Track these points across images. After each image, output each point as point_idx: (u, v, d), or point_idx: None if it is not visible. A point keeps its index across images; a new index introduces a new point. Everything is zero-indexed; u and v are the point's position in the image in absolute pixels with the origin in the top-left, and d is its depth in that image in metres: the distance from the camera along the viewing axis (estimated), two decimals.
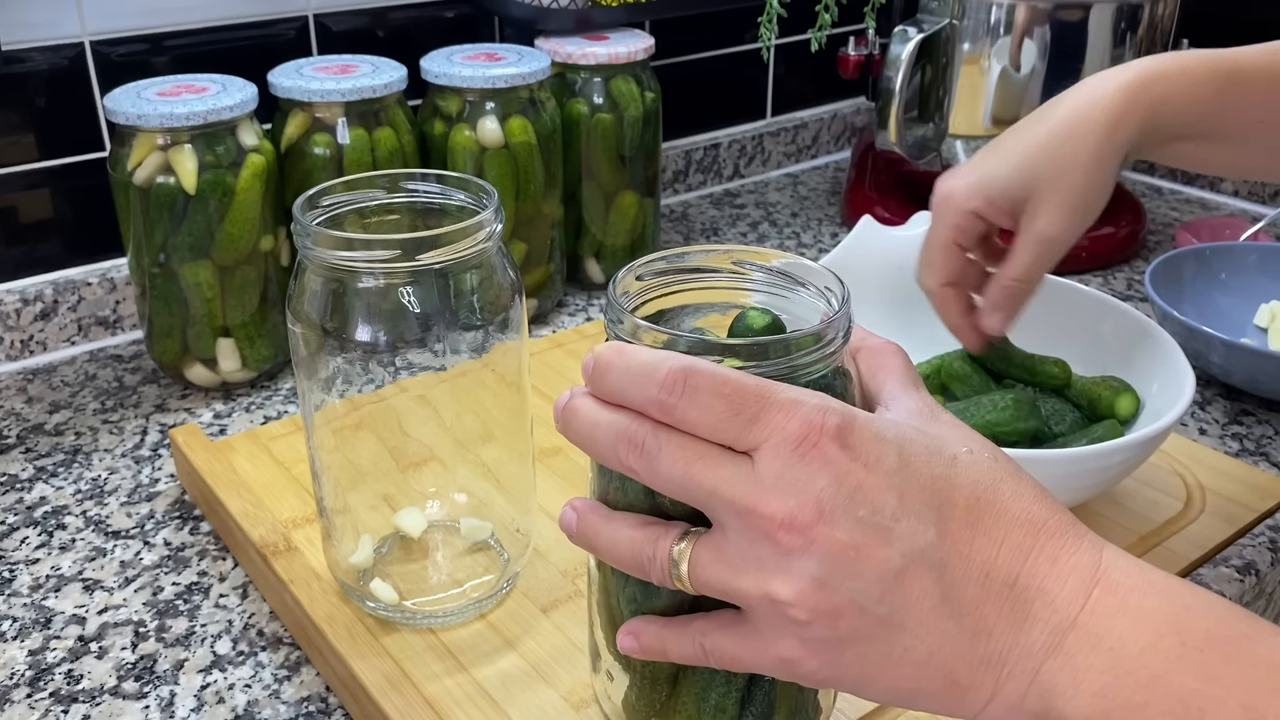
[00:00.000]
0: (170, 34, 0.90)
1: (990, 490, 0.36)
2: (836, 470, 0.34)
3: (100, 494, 0.72)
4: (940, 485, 0.35)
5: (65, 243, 0.90)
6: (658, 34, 1.04)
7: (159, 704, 0.55)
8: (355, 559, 0.57)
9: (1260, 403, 0.81)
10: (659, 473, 0.36)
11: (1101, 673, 0.34)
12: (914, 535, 0.34)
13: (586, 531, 0.40)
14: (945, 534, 0.35)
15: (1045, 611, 0.34)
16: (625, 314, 0.39)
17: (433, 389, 0.56)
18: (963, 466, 0.36)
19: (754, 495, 0.34)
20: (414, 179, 0.56)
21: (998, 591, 0.35)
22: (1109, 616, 0.34)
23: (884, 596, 0.34)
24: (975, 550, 0.35)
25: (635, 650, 0.41)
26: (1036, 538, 0.35)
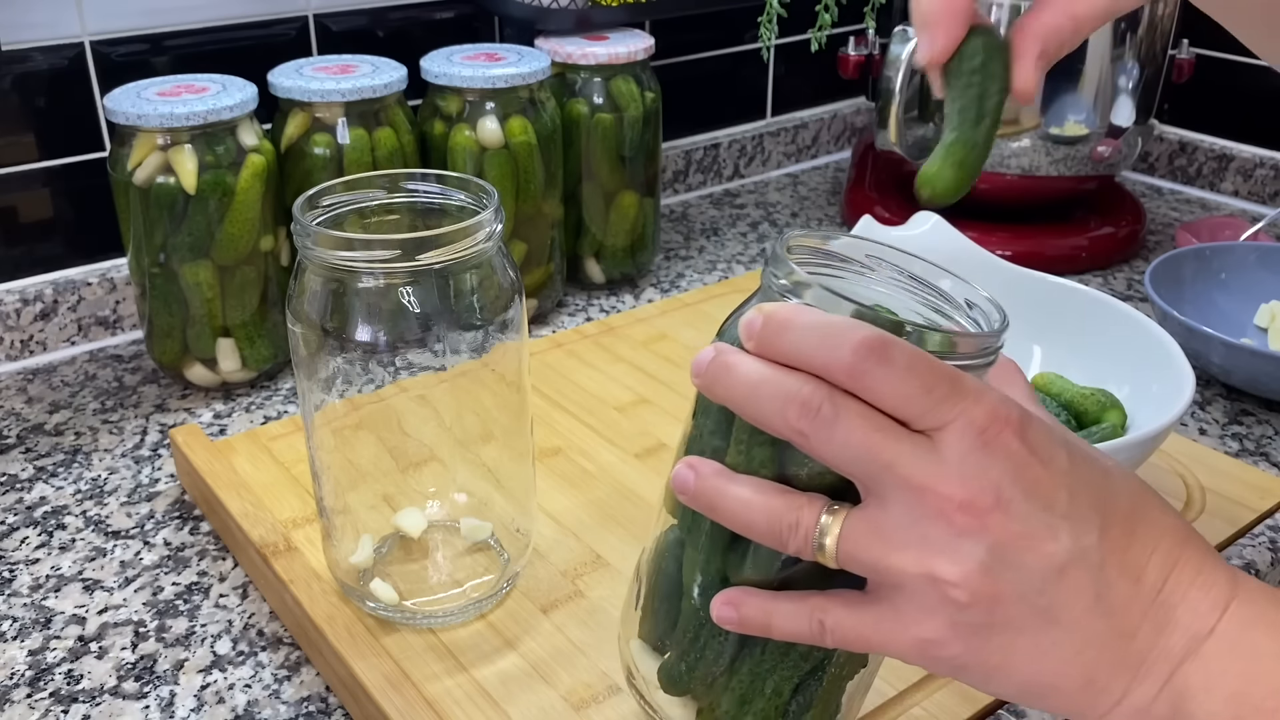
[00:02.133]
0: (170, 34, 0.90)
1: (1144, 502, 0.37)
2: (1017, 462, 0.35)
3: (100, 494, 0.72)
4: (1103, 491, 0.36)
5: (65, 243, 0.90)
6: (658, 34, 1.04)
7: (159, 704, 0.55)
8: (355, 559, 0.57)
9: (1260, 403, 0.81)
10: (834, 439, 0.35)
11: (1236, 677, 0.35)
12: (1079, 534, 0.35)
13: (709, 491, 0.38)
14: (1106, 536, 0.36)
15: (1188, 618, 0.36)
16: (809, 280, 0.38)
17: (433, 389, 0.56)
18: (1117, 477, 0.37)
19: (935, 474, 0.35)
20: (414, 179, 0.56)
21: (1146, 596, 0.36)
22: (1246, 627, 0.35)
23: (1045, 588, 0.35)
24: (1131, 555, 0.36)
25: (733, 621, 0.39)
26: (1184, 550, 0.37)
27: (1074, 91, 0.97)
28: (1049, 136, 0.98)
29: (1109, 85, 0.98)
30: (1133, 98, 0.99)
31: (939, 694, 0.52)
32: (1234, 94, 1.24)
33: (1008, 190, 1.02)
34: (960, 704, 0.52)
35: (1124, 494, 0.37)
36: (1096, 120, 0.99)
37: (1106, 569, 0.35)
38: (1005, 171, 1.00)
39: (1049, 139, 0.98)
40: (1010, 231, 1.03)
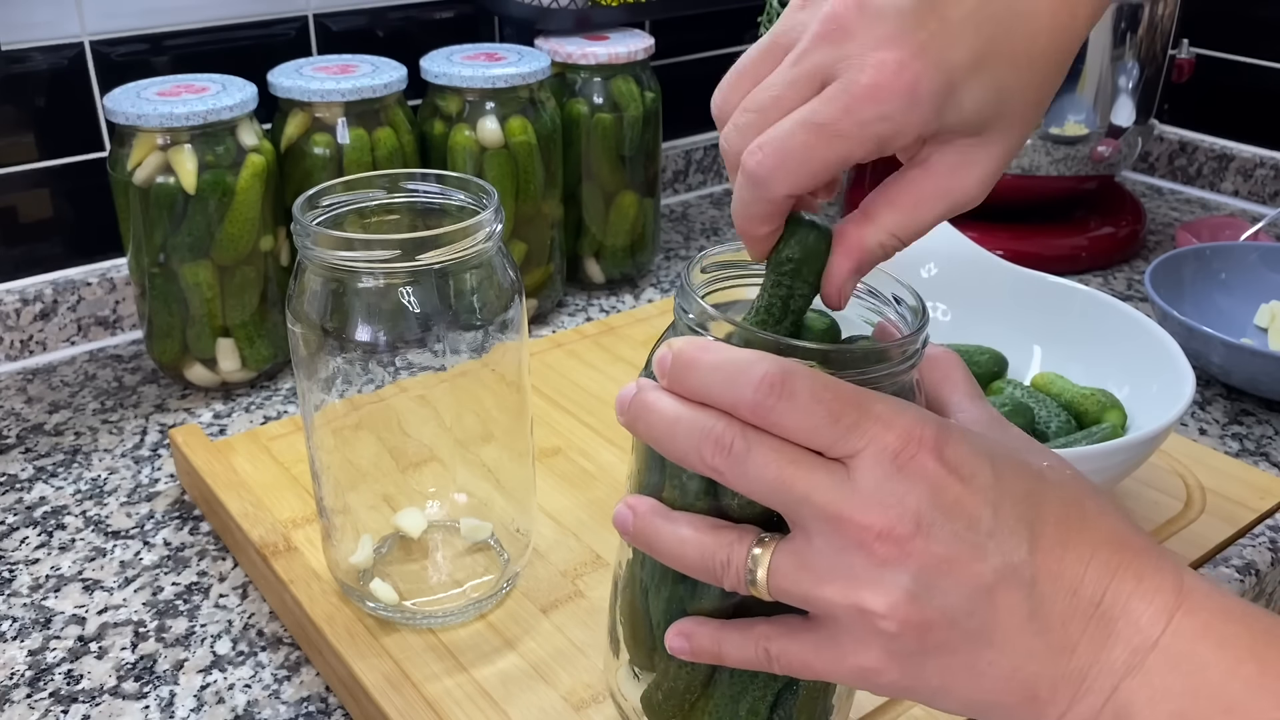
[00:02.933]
0: (170, 34, 0.90)
1: (1077, 506, 0.36)
2: (934, 484, 0.34)
3: (100, 494, 0.72)
4: (1032, 500, 0.35)
5: (65, 243, 0.90)
6: (658, 34, 1.04)
7: (159, 704, 0.55)
8: (355, 559, 0.57)
9: (1260, 403, 0.81)
10: (748, 475, 0.35)
11: (1180, 695, 0.34)
12: (1007, 551, 0.34)
13: (646, 530, 0.38)
14: (1036, 549, 0.35)
15: (1129, 630, 0.34)
16: (716, 315, 0.38)
17: (433, 389, 0.56)
18: (1050, 482, 0.36)
19: (850, 504, 0.34)
20: (414, 179, 0.56)
21: (1084, 609, 0.35)
22: (1191, 640, 0.34)
23: (975, 610, 0.34)
24: (1064, 567, 0.35)
25: (686, 651, 0.40)
26: (1122, 555, 0.35)
27: (1074, 91, 0.97)
28: (1049, 136, 0.98)
29: (1109, 85, 0.98)
30: (1132, 98, 0.99)
31: None
32: (1234, 94, 1.24)
33: (1008, 190, 1.02)
34: None
35: (1056, 501, 0.36)
36: (1096, 120, 0.98)
37: (1039, 584, 0.34)
38: (1005, 171, 1.00)
39: (1049, 139, 0.98)
40: (1010, 231, 1.03)
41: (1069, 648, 0.35)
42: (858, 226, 0.40)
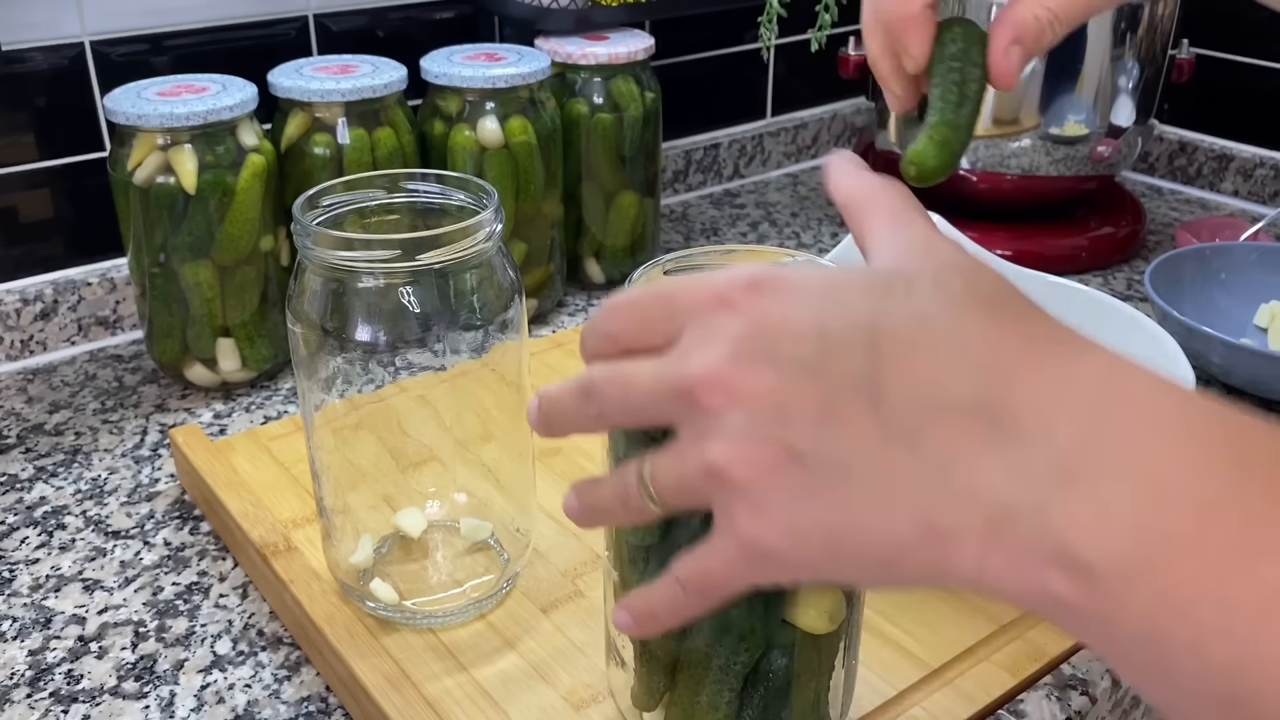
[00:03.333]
0: (170, 34, 0.90)
1: (951, 307, 0.31)
2: (750, 314, 0.32)
3: (100, 494, 0.72)
4: (876, 310, 0.31)
5: (65, 243, 0.90)
6: (658, 34, 1.04)
7: (159, 704, 0.55)
8: (355, 559, 0.57)
9: (1260, 403, 0.81)
10: (610, 399, 0.35)
11: (1137, 502, 0.27)
12: (840, 363, 0.30)
13: (586, 506, 0.39)
14: (878, 356, 0.30)
15: (1037, 426, 0.28)
16: None
17: (433, 389, 0.56)
18: (919, 292, 0.31)
19: (675, 367, 0.33)
20: (414, 179, 0.56)
21: (961, 408, 0.29)
22: (1137, 432, 0.28)
23: (818, 438, 0.30)
24: (919, 366, 0.30)
25: (630, 625, 0.38)
26: (1011, 342, 0.30)
27: (1074, 91, 0.97)
28: (1049, 136, 0.98)
29: (1109, 85, 0.98)
30: (1132, 98, 0.99)
31: (939, 694, 0.52)
32: (1234, 94, 1.24)
33: (1008, 190, 1.02)
34: (960, 704, 0.52)
35: (913, 308, 0.31)
36: (1096, 120, 0.98)
37: (889, 392, 0.30)
38: (1005, 171, 1.00)
39: (1049, 139, 0.98)
40: (1010, 231, 1.03)
41: (951, 458, 0.29)
42: (1011, 6, 0.44)
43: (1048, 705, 0.53)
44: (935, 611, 0.57)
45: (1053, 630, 0.56)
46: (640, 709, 0.47)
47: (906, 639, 0.55)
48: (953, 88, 0.43)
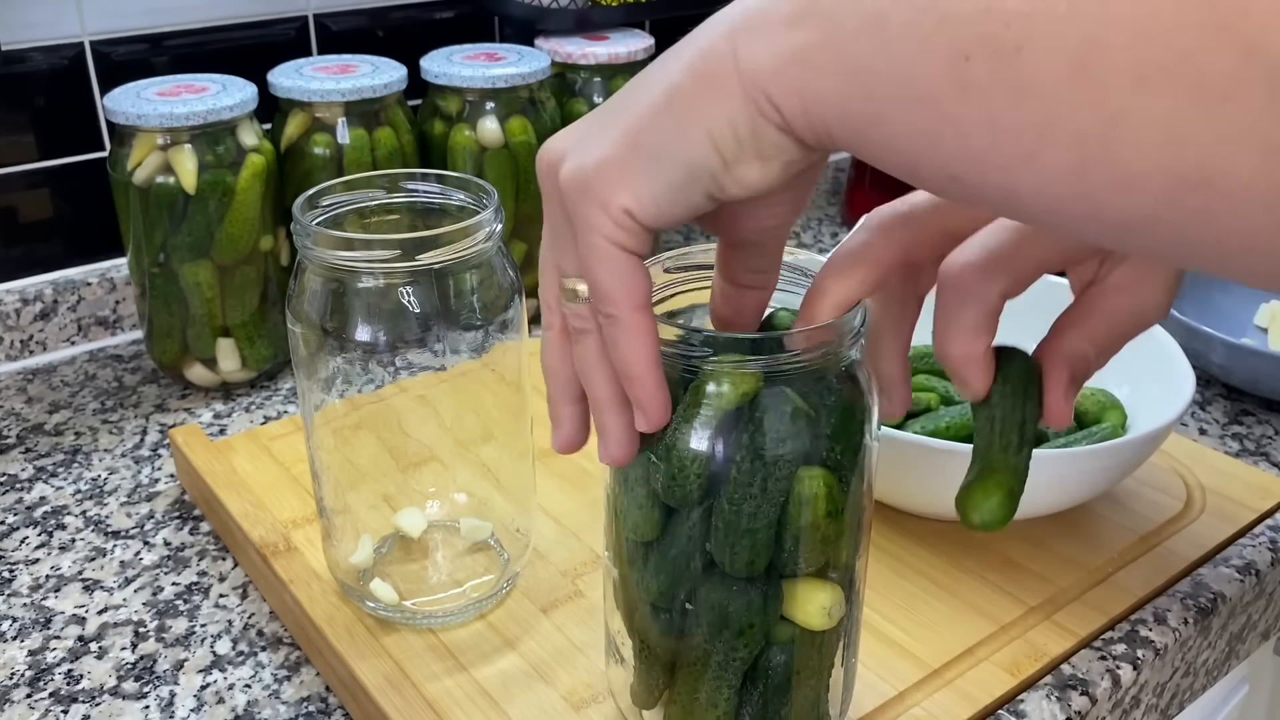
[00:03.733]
0: (170, 34, 0.90)
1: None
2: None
3: (100, 494, 0.72)
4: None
5: (65, 243, 0.90)
6: (658, 34, 1.04)
7: (159, 704, 0.55)
8: (355, 559, 0.57)
9: (1260, 403, 0.81)
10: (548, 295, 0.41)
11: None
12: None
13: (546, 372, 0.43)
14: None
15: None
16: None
17: (433, 389, 0.56)
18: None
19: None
20: (414, 179, 0.56)
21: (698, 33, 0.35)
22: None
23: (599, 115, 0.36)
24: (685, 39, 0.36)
25: (564, 437, 0.43)
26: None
27: None
28: None
29: None
30: None
31: (939, 694, 0.52)
32: None
33: None
34: (960, 704, 0.52)
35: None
36: None
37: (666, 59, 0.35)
38: None
39: None
40: None
41: (690, 38, 0.34)
42: (1057, 339, 0.42)
43: (1048, 705, 0.53)
44: (935, 611, 0.57)
45: (1053, 630, 0.56)
46: (640, 707, 0.47)
47: (906, 639, 0.55)
48: (1014, 427, 0.40)
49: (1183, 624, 0.58)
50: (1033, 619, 0.57)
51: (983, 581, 0.59)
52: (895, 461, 0.58)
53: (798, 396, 0.40)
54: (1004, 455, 0.40)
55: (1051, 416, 0.42)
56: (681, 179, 0.34)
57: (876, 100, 0.30)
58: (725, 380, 0.39)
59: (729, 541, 0.40)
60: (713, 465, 0.40)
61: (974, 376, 0.40)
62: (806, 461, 0.40)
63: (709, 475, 0.40)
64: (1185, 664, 0.60)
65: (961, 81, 0.28)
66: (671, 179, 0.34)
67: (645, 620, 0.44)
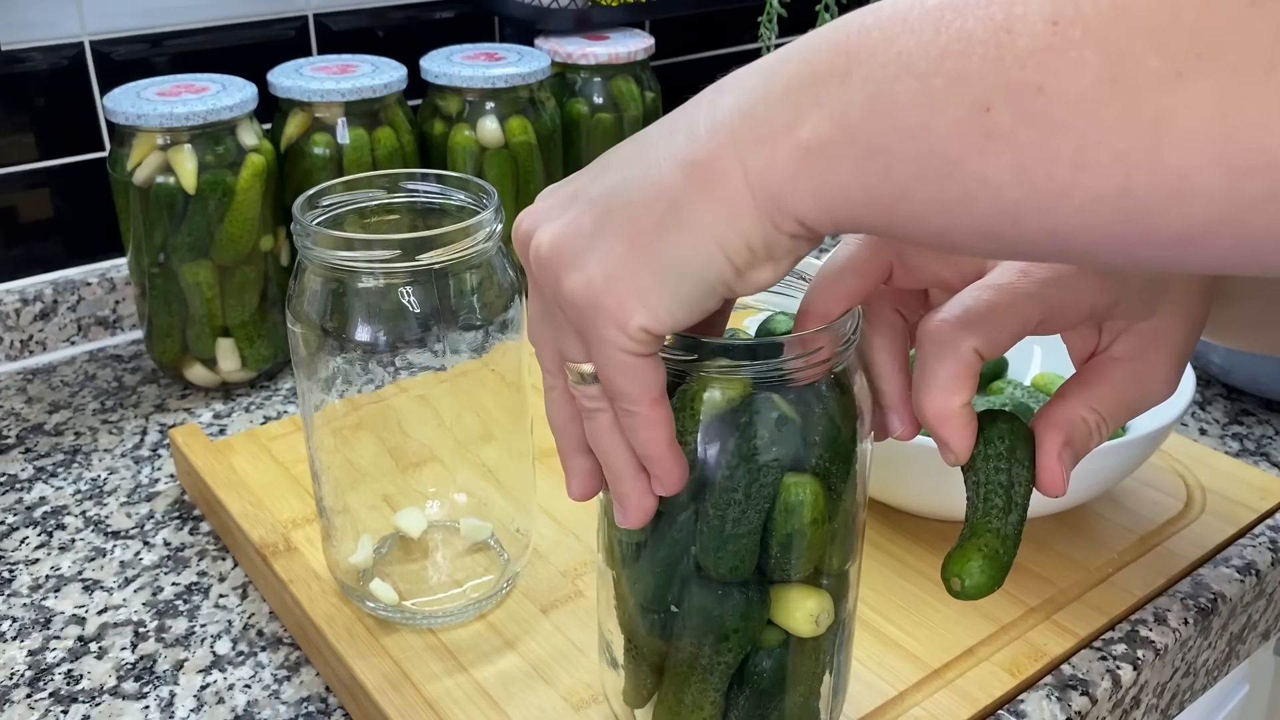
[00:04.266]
0: (170, 34, 0.90)
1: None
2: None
3: (100, 494, 0.72)
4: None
5: (65, 243, 0.90)
6: (658, 34, 1.04)
7: (159, 704, 0.55)
8: (355, 559, 0.57)
9: (1260, 403, 0.81)
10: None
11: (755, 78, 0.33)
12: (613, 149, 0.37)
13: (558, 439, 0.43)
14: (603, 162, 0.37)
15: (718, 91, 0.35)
16: None
17: (433, 389, 0.56)
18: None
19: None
20: (414, 179, 0.56)
21: (691, 104, 0.36)
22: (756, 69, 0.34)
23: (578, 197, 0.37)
24: (664, 118, 0.36)
25: (578, 487, 0.42)
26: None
27: None
28: None
29: None
30: None
31: (939, 694, 0.52)
32: None
33: None
34: (960, 704, 0.52)
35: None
36: None
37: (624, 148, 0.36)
38: None
39: None
40: None
41: (675, 126, 0.35)
42: (1054, 404, 0.41)
43: (1048, 705, 0.53)
44: (935, 611, 0.57)
45: (1053, 630, 0.56)
46: (630, 706, 0.47)
47: (906, 639, 0.55)
48: (999, 490, 0.39)
49: (1183, 624, 0.58)
50: (1033, 619, 0.57)
51: None
52: (895, 461, 0.58)
53: (785, 403, 0.39)
54: (987, 519, 0.39)
55: (1043, 481, 0.40)
56: (697, 294, 0.34)
57: (895, 179, 0.30)
58: (714, 385, 0.39)
59: (713, 546, 0.40)
60: (700, 470, 0.40)
61: (952, 434, 0.39)
62: (794, 468, 0.40)
63: (696, 479, 0.40)
64: (1185, 664, 0.60)
65: (983, 134, 0.28)
66: (687, 295, 0.34)
67: (634, 621, 0.44)
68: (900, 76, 0.29)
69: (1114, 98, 0.26)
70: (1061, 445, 0.40)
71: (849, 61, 0.30)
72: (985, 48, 0.27)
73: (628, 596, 0.44)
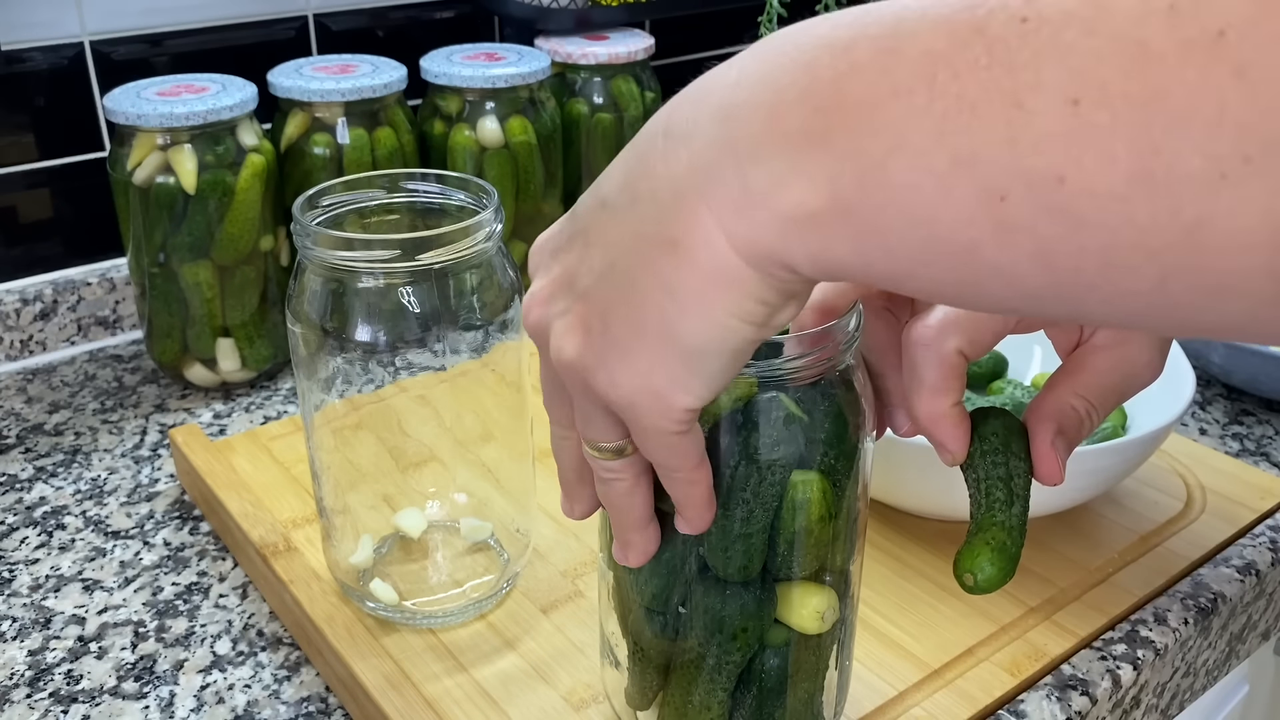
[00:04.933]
0: (170, 34, 0.90)
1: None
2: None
3: (100, 494, 0.72)
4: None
5: (65, 243, 0.90)
6: (658, 34, 1.04)
7: (159, 704, 0.55)
8: (355, 559, 0.57)
9: (1260, 403, 0.81)
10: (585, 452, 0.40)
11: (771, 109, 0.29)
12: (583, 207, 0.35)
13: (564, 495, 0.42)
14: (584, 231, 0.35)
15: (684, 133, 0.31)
16: None
17: (433, 389, 0.56)
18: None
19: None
20: (414, 179, 0.56)
21: (639, 152, 0.33)
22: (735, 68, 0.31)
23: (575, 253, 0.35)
24: (617, 162, 0.34)
25: (580, 511, 0.42)
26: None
27: None
28: None
29: None
30: None
31: (939, 694, 0.52)
32: None
33: None
34: (960, 704, 0.52)
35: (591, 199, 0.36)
36: None
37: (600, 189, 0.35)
38: None
39: None
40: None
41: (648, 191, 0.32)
42: (1043, 395, 0.41)
43: (1048, 705, 0.53)
44: (935, 611, 0.57)
45: (1053, 630, 0.56)
46: (634, 708, 0.47)
47: (906, 639, 0.55)
48: (999, 484, 0.40)
49: (1183, 624, 0.58)
50: (1033, 619, 0.57)
51: None
52: (895, 461, 0.58)
53: (792, 402, 0.40)
54: (991, 513, 0.40)
55: (1040, 470, 0.40)
56: (727, 363, 0.33)
57: (899, 259, 0.27)
58: None
59: (722, 546, 0.40)
60: None
61: (946, 435, 0.39)
62: (800, 466, 0.40)
63: None
64: (1185, 664, 0.60)
65: (999, 224, 0.25)
66: (720, 367, 0.33)
67: (639, 623, 0.44)
68: (893, 152, 0.26)
69: (1149, 197, 0.23)
70: (1054, 434, 0.40)
71: (826, 124, 0.27)
72: (993, 126, 0.25)
73: (631, 597, 0.44)
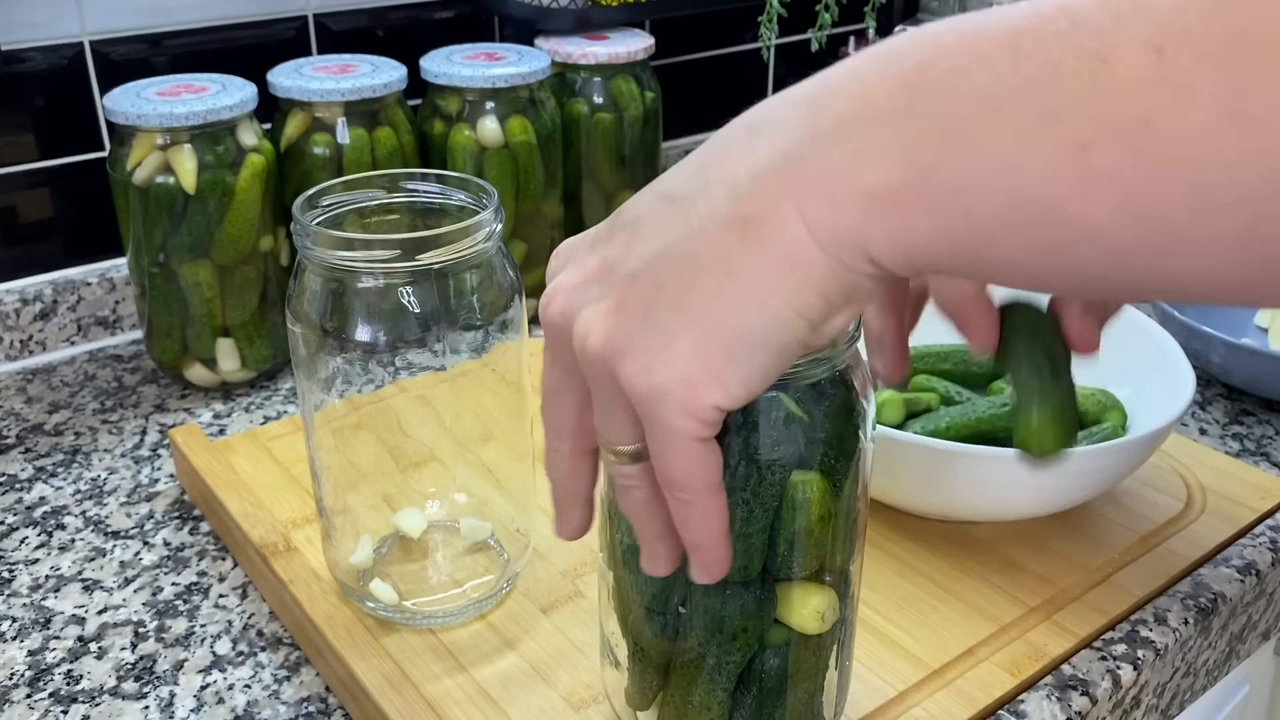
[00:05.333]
0: (170, 34, 0.90)
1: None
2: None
3: (100, 494, 0.72)
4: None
5: (65, 243, 0.90)
6: (658, 34, 1.04)
7: (159, 704, 0.55)
8: (355, 559, 0.57)
9: (1260, 403, 0.81)
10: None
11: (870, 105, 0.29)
12: (636, 203, 0.34)
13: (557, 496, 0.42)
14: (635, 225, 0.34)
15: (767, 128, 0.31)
16: None
17: (433, 389, 0.56)
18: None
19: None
20: (414, 179, 0.56)
21: (718, 145, 0.32)
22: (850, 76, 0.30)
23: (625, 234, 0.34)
24: (686, 163, 0.34)
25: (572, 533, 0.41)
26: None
27: None
28: None
29: None
30: None
31: (939, 694, 0.52)
32: None
33: None
34: (960, 704, 0.52)
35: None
36: None
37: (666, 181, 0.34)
38: None
39: None
40: None
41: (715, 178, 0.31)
42: None
43: (1048, 705, 0.53)
44: (935, 611, 0.57)
45: (1053, 630, 0.56)
46: (634, 708, 0.47)
47: (906, 639, 0.55)
48: (1044, 360, 0.39)
49: (1183, 624, 0.58)
50: (1033, 619, 0.57)
51: (983, 582, 0.59)
52: (895, 462, 0.58)
53: (791, 401, 0.40)
54: (1040, 384, 0.39)
55: (1077, 340, 0.39)
56: (770, 362, 0.31)
57: (981, 226, 0.27)
58: None
59: None
60: None
61: (974, 315, 0.38)
62: (800, 466, 0.40)
63: None
64: (1185, 664, 0.60)
65: (1084, 175, 0.25)
66: (760, 365, 0.31)
67: (639, 623, 0.44)
68: (979, 112, 0.26)
69: (1237, 133, 0.23)
70: (1082, 308, 0.40)
71: (911, 97, 0.28)
72: (1078, 79, 0.25)
73: (631, 597, 0.44)
